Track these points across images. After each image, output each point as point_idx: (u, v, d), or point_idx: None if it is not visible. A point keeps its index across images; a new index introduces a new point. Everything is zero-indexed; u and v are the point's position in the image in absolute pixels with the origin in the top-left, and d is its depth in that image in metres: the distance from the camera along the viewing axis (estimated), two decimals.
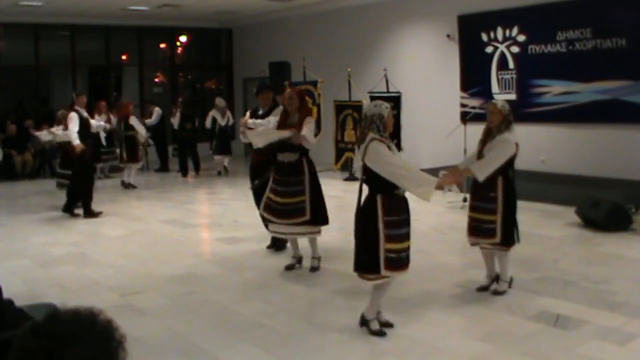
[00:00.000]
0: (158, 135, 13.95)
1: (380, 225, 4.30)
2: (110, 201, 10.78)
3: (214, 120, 13.34)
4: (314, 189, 6.00)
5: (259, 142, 6.23)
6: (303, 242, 6.35)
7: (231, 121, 13.56)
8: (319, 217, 6.05)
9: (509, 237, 5.19)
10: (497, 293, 5.28)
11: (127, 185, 11.97)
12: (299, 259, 6.28)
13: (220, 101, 13.77)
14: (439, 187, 4.53)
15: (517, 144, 5.13)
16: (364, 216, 4.43)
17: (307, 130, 5.86)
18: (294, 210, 5.91)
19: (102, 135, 11.97)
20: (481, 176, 5.00)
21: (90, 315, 1.36)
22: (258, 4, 14.38)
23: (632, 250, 6.76)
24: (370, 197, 4.40)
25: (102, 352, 1.31)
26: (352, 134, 12.26)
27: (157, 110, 13.83)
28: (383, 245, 4.30)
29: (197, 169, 13.78)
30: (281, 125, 6.02)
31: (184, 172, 13.52)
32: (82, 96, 9.31)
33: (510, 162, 5.15)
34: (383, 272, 4.34)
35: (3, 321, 2.48)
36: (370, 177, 4.38)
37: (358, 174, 4.74)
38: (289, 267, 6.22)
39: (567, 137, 10.21)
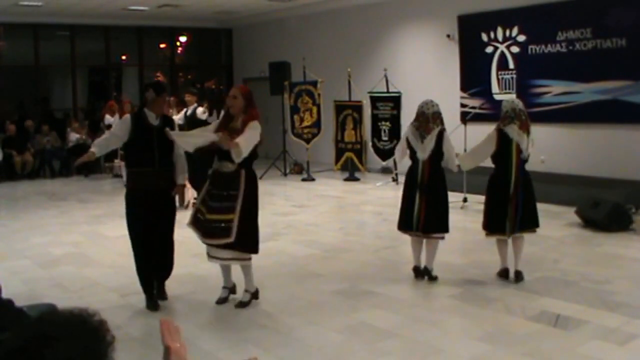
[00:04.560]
0: None
1: None
2: (110, 201, 10.78)
3: None
4: (247, 209, 4.97)
5: (185, 146, 5.16)
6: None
7: None
8: (246, 242, 5.03)
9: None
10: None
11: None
12: (230, 289, 5.38)
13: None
14: None
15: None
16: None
17: (244, 138, 4.87)
18: (218, 229, 4.94)
19: None
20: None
21: (79, 317, 1.35)
22: (258, 4, 14.38)
23: (632, 250, 6.76)
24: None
25: (82, 353, 1.30)
26: (352, 134, 12.27)
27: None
28: None
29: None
30: (221, 129, 5.03)
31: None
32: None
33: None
34: None
35: (2, 321, 2.48)
36: None
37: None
38: (221, 301, 5.27)
39: (567, 137, 10.20)
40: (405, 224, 5.77)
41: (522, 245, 5.68)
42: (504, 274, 5.69)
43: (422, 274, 5.77)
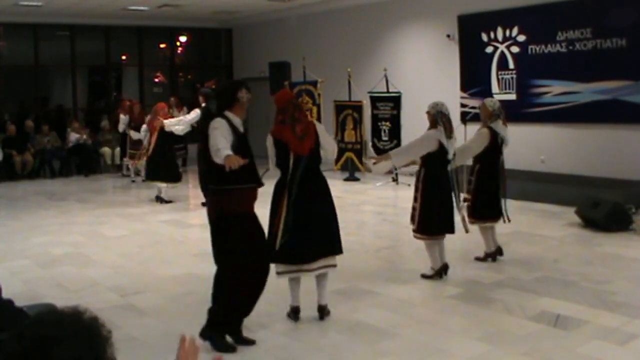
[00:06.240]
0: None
1: None
2: (110, 201, 10.79)
3: None
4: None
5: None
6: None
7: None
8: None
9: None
10: None
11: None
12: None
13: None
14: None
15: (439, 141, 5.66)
16: None
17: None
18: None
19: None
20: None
21: (73, 315, 1.35)
22: (258, 4, 14.38)
23: (632, 250, 6.76)
24: None
25: (87, 351, 1.30)
26: (352, 134, 12.26)
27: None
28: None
29: None
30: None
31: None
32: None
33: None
34: None
35: (2, 321, 2.48)
36: None
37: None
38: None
39: (567, 137, 10.20)
40: (444, 226, 5.72)
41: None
42: (498, 251, 6.30)
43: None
